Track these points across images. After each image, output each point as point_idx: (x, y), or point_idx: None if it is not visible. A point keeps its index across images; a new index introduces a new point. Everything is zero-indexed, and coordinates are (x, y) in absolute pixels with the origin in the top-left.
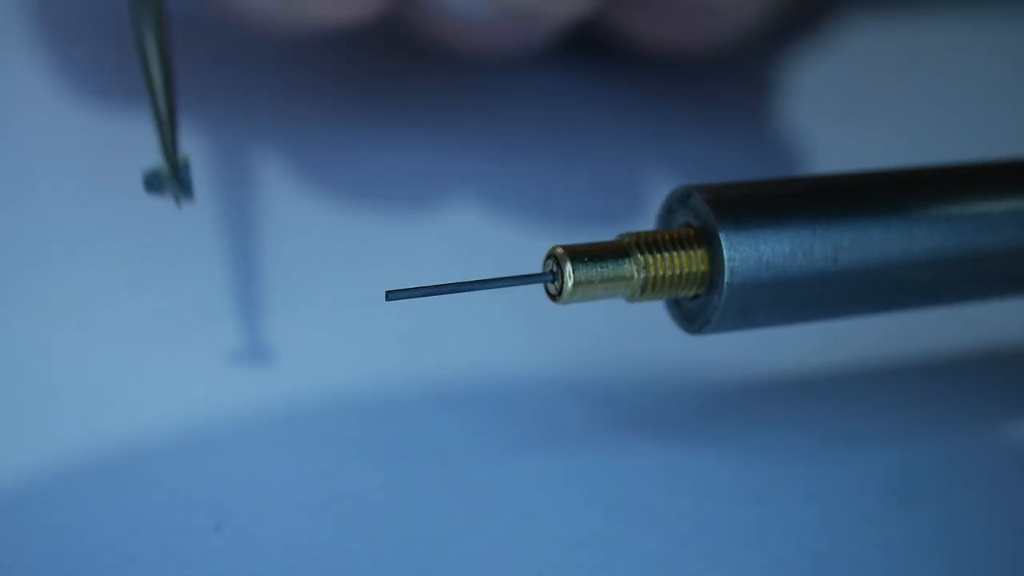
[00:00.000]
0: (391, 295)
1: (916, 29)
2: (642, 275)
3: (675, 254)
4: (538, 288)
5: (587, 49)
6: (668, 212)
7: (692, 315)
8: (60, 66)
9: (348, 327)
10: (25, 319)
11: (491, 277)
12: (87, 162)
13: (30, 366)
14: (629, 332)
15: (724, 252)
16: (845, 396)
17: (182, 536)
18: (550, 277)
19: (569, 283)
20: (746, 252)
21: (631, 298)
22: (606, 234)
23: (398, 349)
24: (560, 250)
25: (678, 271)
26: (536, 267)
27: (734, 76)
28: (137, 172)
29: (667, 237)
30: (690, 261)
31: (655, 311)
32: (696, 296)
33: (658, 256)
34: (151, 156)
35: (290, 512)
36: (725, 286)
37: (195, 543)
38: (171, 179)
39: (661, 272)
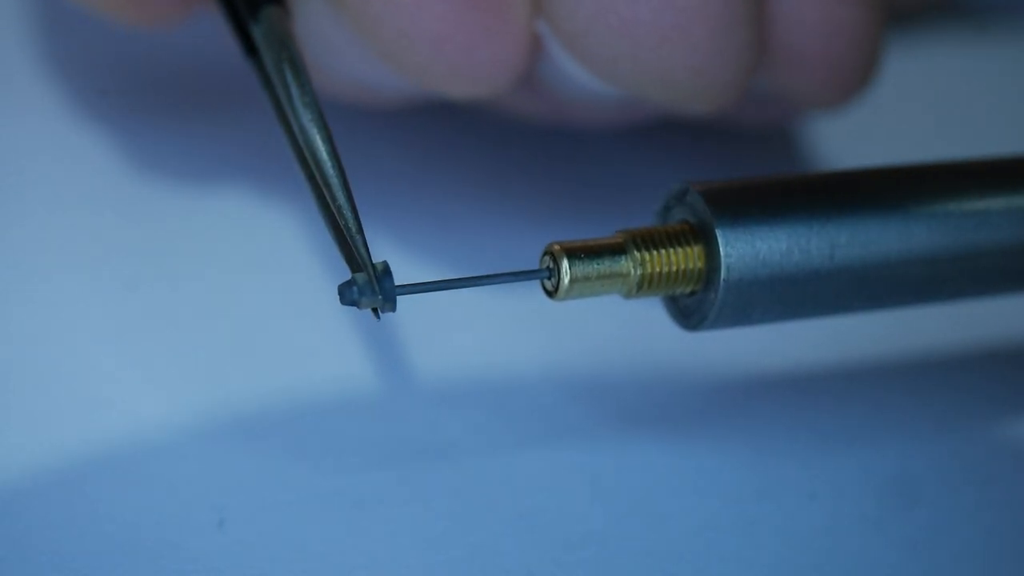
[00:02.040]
0: None
1: (914, 31)
2: (639, 272)
3: (672, 251)
4: (536, 285)
5: None
6: (666, 209)
7: (689, 312)
8: (58, 66)
9: (346, 324)
10: (26, 318)
11: (488, 274)
12: (87, 161)
13: (32, 364)
14: (629, 329)
15: (721, 249)
16: (845, 396)
17: (184, 532)
18: (546, 274)
19: (566, 280)
20: (743, 249)
21: (628, 295)
22: (603, 231)
23: (396, 346)
24: (557, 247)
25: (675, 268)
26: (533, 264)
27: None
28: (138, 170)
29: (664, 234)
30: (687, 258)
31: (655, 308)
32: (693, 293)
33: (655, 253)
34: (150, 154)
35: (292, 509)
36: (722, 283)
37: (197, 539)
38: (372, 290)
39: (658, 269)
